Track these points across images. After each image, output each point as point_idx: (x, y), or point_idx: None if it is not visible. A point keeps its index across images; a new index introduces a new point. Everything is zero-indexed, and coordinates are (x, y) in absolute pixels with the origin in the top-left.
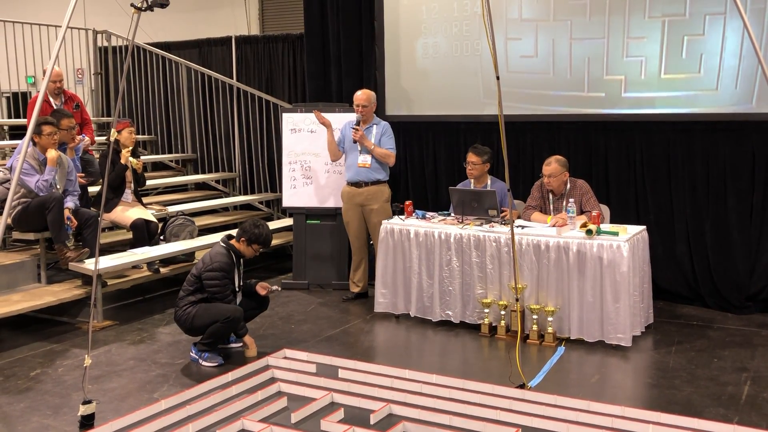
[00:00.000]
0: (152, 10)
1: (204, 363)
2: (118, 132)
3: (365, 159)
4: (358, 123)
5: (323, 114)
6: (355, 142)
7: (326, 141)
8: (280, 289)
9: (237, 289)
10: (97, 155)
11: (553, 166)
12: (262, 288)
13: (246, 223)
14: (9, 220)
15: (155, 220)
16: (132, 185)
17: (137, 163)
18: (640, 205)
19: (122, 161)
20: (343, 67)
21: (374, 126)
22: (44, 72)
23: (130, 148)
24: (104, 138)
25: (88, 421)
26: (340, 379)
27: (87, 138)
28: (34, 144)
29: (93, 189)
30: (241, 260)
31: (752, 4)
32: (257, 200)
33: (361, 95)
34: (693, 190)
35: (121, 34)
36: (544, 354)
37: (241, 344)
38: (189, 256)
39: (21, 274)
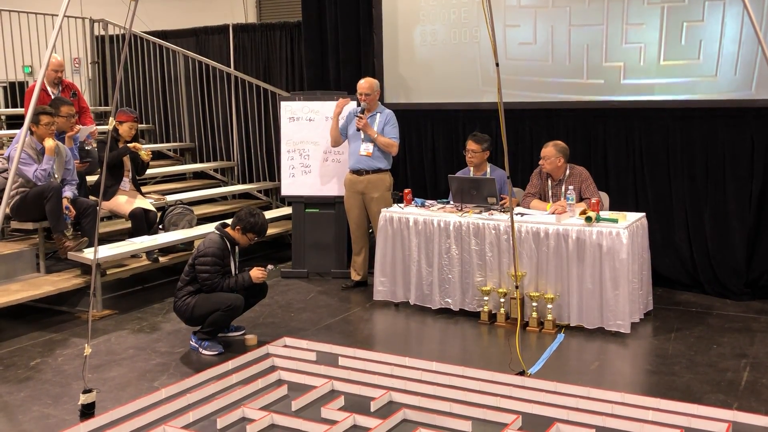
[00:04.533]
0: None
1: (204, 352)
2: (120, 123)
3: (367, 147)
4: (362, 111)
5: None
6: (358, 130)
7: (330, 127)
8: (273, 267)
9: (234, 274)
10: (94, 144)
11: (549, 149)
12: (256, 278)
13: (241, 212)
14: (7, 210)
15: (154, 209)
16: (130, 174)
17: (147, 154)
18: (639, 192)
19: (129, 147)
20: (341, 55)
21: (378, 114)
22: (41, 62)
23: (129, 140)
24: (101, 127)
25: (88, 410)
26: (340, 367)
27: (95, 127)
28: (32, 133)
29: (91, 178)
30: (236, 248)
31: None
32: (256, 189)
33: (364, 84)
34: (692, 176)
35: (117, 22)
36: (544, 341)
37: (241, 333)
38: (188, 245)
39: (20, 264)
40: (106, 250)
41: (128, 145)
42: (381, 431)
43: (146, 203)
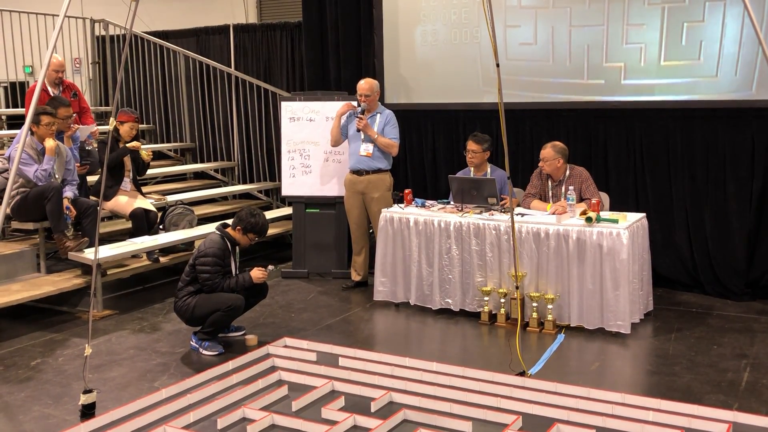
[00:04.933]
0: None
1: (204, 352)
2: (121, 123)
3: (367, 148)
4: (362, 112)
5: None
6: (358, 130)
7: (331, 126)
8: (273, 267)
9: (235, 274)
10: (95, 144)
11: (547, 150)
12: (257, 278)
13: (242, 212)
14: (8, 210)
15: (154, 209)
16: (131, 174)
17: (147, 154)
18: (640, 193)
19: (129, 147)
20: (341, 55)
21: (378, 115)
22: (42, 62)
23: (129, 140)
24: (102, 127)
25: (89, 410)
26: (341, 368)
27: (96, 127)
28: (32, 133)
29: (92, 178)
30: (237, 248)
31: None
32: (256, 189)
33: (364, 85)
34: (692, 177)
35: (118, 23)
36: (544, 341)
37: (241, 333)
38: (188, 245)
39: (20, 264)
40: (107, 250)
41: (127, 144)
42: None
43: (147, 203)
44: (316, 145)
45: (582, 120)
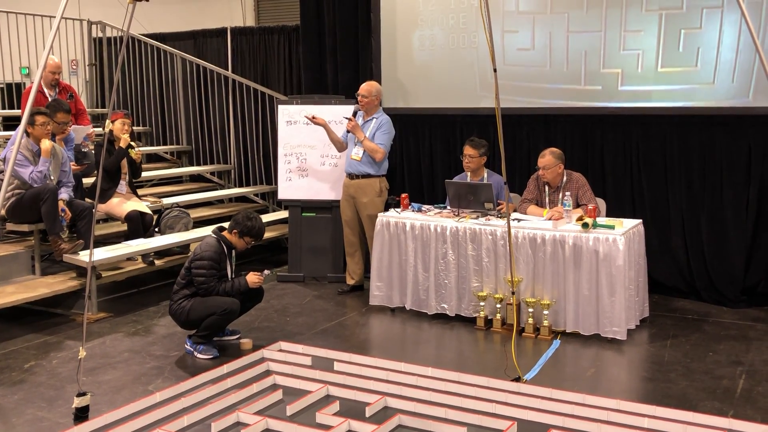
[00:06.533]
0: (147, 0)
1: (199, 355)
2: (112, 123)
3: (358, 152)
4: (354, 114)
5: (314, 111)
6: (348, 131)
7: (328, 137)
8: (269, 272)
9: (231, 278)
10: (91, 146)
11: (547, 158)
12: (253, 283)
13: (239, 215)
14: (3, 212)
15: (150, 212)
16: (127, 176)
17: (136, 153)
18: (636, 199)
19: (121, 144)
20: (339, 59)
21: (374, 119)
22: (39, 63)
23: (125, 137)
24: (99, 129)
25: (82, 413)
26: (336, 372)
27: (92, 129)
28: (28, 135)
29: (88, 180)
30: (233, 251)
31: None
32: (252, 192)
33: (364, 86)
34: (689, 183)
35: (115, 25)
36: (540, 347)
37: (236, 337)
38: (184, 248)
39: (15, 266)
40: (102, 253)
41: (121, 145)
42: None
43: (142, 206)
44: (312, 149)
45: (579, 126)
